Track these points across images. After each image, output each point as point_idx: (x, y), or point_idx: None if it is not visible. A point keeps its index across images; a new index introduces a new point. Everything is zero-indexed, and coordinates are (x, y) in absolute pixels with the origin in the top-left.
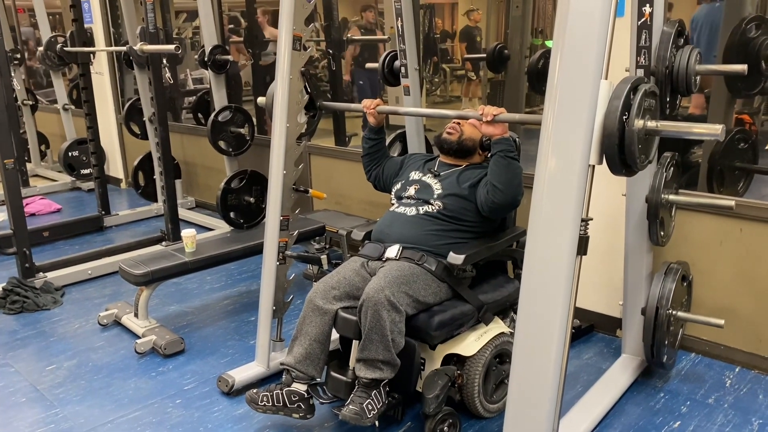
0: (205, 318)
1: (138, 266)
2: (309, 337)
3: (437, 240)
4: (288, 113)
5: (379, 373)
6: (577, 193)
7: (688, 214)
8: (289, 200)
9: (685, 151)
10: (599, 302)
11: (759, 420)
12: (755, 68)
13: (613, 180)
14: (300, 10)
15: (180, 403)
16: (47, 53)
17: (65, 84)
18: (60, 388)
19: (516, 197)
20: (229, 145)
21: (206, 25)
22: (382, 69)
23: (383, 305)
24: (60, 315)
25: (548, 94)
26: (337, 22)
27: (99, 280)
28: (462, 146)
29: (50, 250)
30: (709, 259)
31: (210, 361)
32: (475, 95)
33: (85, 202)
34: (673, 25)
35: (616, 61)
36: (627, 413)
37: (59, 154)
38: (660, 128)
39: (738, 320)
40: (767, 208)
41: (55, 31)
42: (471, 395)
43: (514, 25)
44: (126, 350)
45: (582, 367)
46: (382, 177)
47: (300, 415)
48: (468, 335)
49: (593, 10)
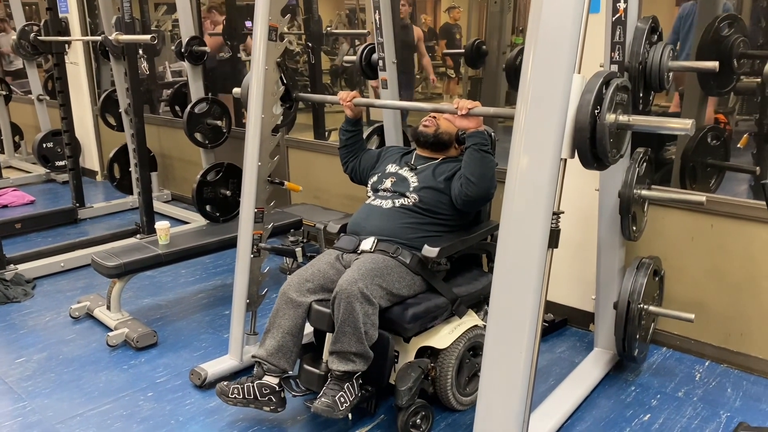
0: (179, 311)
1: (110, 258)
2: (282, 329)
3: (412, 233)
4: (263, 104)
5: (352, 366)
6: (548, 187)
7: (660, 210)
8: (263, 192)
9: (659, 148)
10: (572, 296)
11: (727, 413)
12: (727, 66)
13: (586, 175)
14: (276, 0)
15: (151, 396)
16: (21, 42)
17: (41, 75)
18: (29, 381)
19: (489, 190)
20: (206, 138)
21: (183, 16)
22: (360, 62)
23: (356, 297)
24: (31, 307)
25: (521, 87)
26: (316, 15)
27: (72, 272)
28: (438, 139)
29: (22, 242)
30: (681, 255)
31: (183, 354)
32: (454, 92)
33: (60, 194)
34: (646, 21)
35: (591, 56)
36: (598, 406)
37: (33, 146)
38: (632, 122)
39: (708, 315)
40: (737, 204)
41: (32, 21)
42: (444, 388)
43: (493, 21)
44: (98, 343)
45: (555, 360)
46: (358, 169)
47: (271, 408)
48: (442, 328)
49: (566, 4)
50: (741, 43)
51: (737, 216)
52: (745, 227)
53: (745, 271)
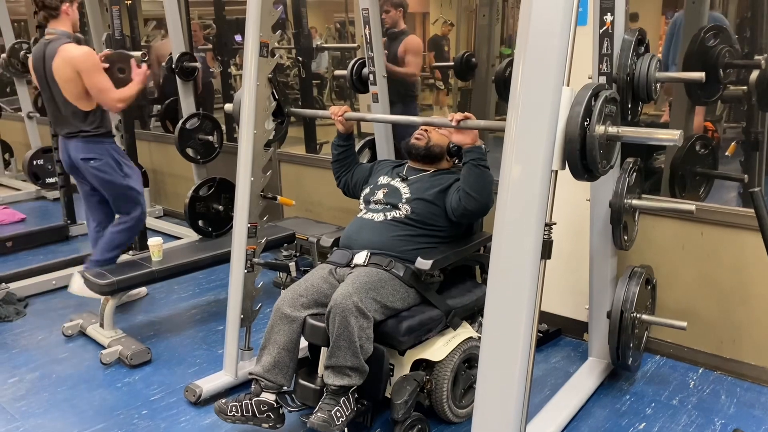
0: (173, 327)
1: (103, 276)
2: (277, 345)
3: (405, 245)
4: (255, 120)
5: (348, 380)
6: (540, 198)
7: (651, 219)
8: (256, 207)
9: (648, 157)
10: (566, 306)
11: (721, 420)
12: (713, 76)
13: (577, 185)
14: (267, 16)
15: (146, 414)
16: (10, 60)
17: (31, 92)
18: (22, 401)
19: (488, 204)
20: (198, 153)
21: (174, 32)
22: (351, 76)
23: (351, 311)
24: (23, 326)
25: (511, 100)
26: (306, 29)
27: (64, 290)
28: (430, 152)
29: (14, 261)
30: (672, 263)
31: (177, 371)
32: (444, 104)
33: (51, 212)
34: (633, 33)
35: (579, 68)
36: (594, 416)
37: (24, 163)
38: (621, 134)
39: (700, 322)
40: (726, 212)
41: (21, 39)
42: (440, 400)
43: (481, 33)
44: (91, 361)
45: (550, 370)
46: (351, 183)
47: (270, 425)
48: (436, 340)
49: (554, 18)
50: (726, 53)
51: (727, 224)
52: (734, 235)
53: (736, 279)
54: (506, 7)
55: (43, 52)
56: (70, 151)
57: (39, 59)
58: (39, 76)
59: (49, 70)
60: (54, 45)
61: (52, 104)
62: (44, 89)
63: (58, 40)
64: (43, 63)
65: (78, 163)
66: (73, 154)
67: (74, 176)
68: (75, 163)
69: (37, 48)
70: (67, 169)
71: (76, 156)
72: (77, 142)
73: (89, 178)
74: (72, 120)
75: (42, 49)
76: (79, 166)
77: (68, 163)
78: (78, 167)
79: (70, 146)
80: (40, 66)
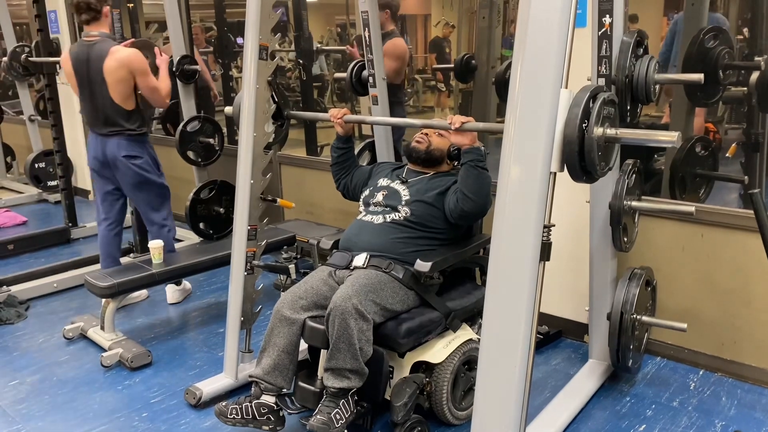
0: (173, 330)
1: (103, 278)
2: (277, 348)
3: (404, 247)
4: (255, 122)
5: (347, 382)
6: (539, 200)
7: (650, 220)
8: (256, 210)
9: (648, 159)
10: (567, 308)
11: (722, 422)
12: (712, 77)
13: (577, 187)
14: (266, 19)
15: (146, 416)
16: (12, 63)
17: (32, 95)
18: (23, 403)
19: (485, 206)
20: (198, 156)
21: (174, 35)
22: (350, 79)
23: (350, 314)
24: (24, 329)
25: (510, 102)
26: (307, 32)
27: (65, 293)
28: (430, 155)
29: (15, 264)
30: (672, 264)
31: (178, 373)
32: (445, 105)
33: (52, 215)
34: (632, 35)
35: (578, 70)
36: (594, 418)
37: (25, 166)
38: (619, 135)
39: (701, 324)
40: (726, 213)
41: (23, 42)
42: (440, 402)
43: (481, 35)
44: (92, 364)
45: (550, 372)
46: (350, 186)
47: (270, 427)
48: (436, 342)
49: (552, 20)
50: (726, 54)
51: (727, 225)
52: (734, 236)
53: (736, 280)
54: (507, 9)
55: (88, 53)
56: (107, 149)
57: (82, 61)
58: (80, 77)
59: (97, 71)
60: (102, 46)
61: (92, 103)
62: (84, 89)
63: (104, 42)
64: (87, 64)
65: (117, 161)
66: (113, 151)
67: (100, 175)
68: (112, 161)
69: (78, 49)
70: (97, 167)
71: (117, 153)
72: (120, 140)
73: (125, 177)
74: (116, 119)
75: (85, 51)
76: (118, 164)
77: (102, 160)
78: (115, 165)
79: (109, 144)
80: (83, 67)
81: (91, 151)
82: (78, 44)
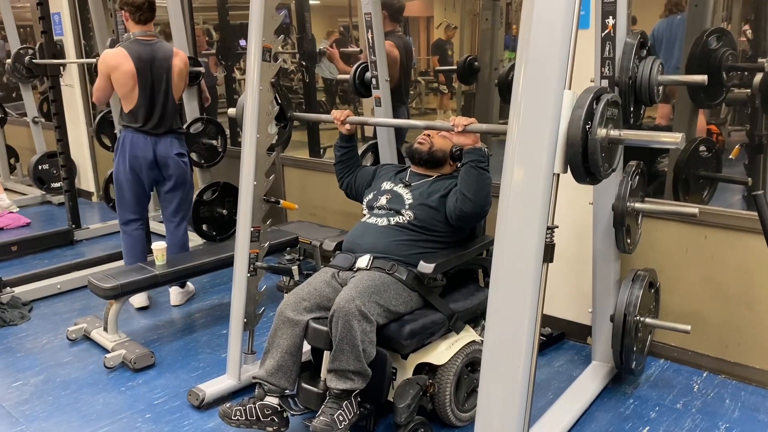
0: (176, 331)
1: (107, 280)
2: (281, 349)
3: (408, 250)
4: (258, 124)
5: (351, 384)
6: (542, 202)
7: (654, 222)
8: (259, 211)
9: (652, 161)
10: (570, 310)
11: (725, 424)
12: (716, 79)
13: (580, 188)
14: (269, 21)
15: (149, 417)
16: (15, 65)
17: (36, 97)
18: (26, 404)
19: (484, 207)
20: (201, 157)
21: (177, 36)
22: (354, 80)
23: (354, 315)
24: (27, 330)
25: (513, 104)
26: (309, 34)
27: (68, 294)
28: (432, 157)
29: (19, 265)
30: (676, 266)
31: (181, 374)
32: (448, 107)
33: (56, 216)
34: (635, 36)
35: (582, 72)
36: (597, 420)
37: (29, 168)
38: (623, 137)
39: (704, 326)
40: (730, 215)
41: (27, 44)
42: (443, 404)
43: (484, 37)
44: (95, 365)
45: (553, 374)
46: (354, 185)
47: (274, 428)
48: (439, 344)
49: (555, 21)
50: (729, 56)
51: (730, 227)
52: (738, 238)
53: (740, 282)
54: (510, 11)
55: (152, 52)
56: (159, 148)
57: (146, 60)
58: (143, 76)
59: (165, 70)
60: (164, 46)
61: (151, 102)
62: (146, 88)
63: (162, 42)
64: (152, 63)
65: (168, 159)
66: (165, 150)
67: (139, 176)
68: (163, 160)
69: (139, 48)
70: (141, 166)
71: (169, 152)
72: (173, 139)
73: (175, 174)
74: (170, 118)
75: (149, 49)
76: (169, 162)
77: (151, 159)
78: (166, 163)
79: (161, 143)
80: (146, 66)
81: (136, 150)
82: (133, 43)
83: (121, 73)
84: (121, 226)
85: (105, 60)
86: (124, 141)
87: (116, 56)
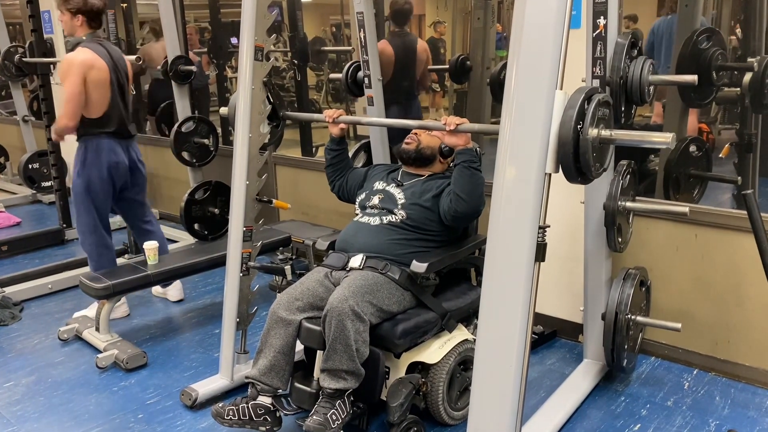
0: (169, 331)
1: (98, 279)
2: (273, 349)
3: (401, 249)
4: (250, 123)
5: (344, 383)
6: (534, 201)
7: (645, 221)
8: (252, 211)
9: (642, 160)
10: (561, 308)
11: (716, 421)
12: (706, 79)
13: (572, 188)
14: (261, 20)
15: (142, 417)
16: (5, 64)
17: (26, 95)
18: (17, 405)
19: (478, 207)
20: (193, 156)
21: (169, 35)
22: (346, 79)
23: (347, 315)
24: (18, 330)
25: (505, 104)
26: (302, 32)
27: (60, 294)
28: (420, 154)
29: (9, 265)
30: (667, 265)
31: (173, 374)
32: (440, 106)
33: (46, 215)
34: (626, 36)
35: (573, 71)
36: (589, 417)
37: (19, 167)
38: (614, 137)
39: (695, 324)
40: (720, 214)
41: (17, 42)
42: (436, 403)
43: (476, 36)
44: (87, 365)
45: (545, 372)
46: (345, 188)
47: (267, 428)
48: (432, 343)
49: (547, 22)
50: (719, 55)
51: (720, 226)
52: (728, 236)
53: (730, 280)
54: (501, 9)
55: (111, 51)
56: (132, 152)
57: (115, 58)
58: (119, 76)
59: (124, 71)
60: (114, 47)
61: (123, 104)
62: (116, 89)
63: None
64: (115, 62)
65: (138, 164)
66: (135, 155)
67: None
68: (134, 164)
69: (101, 48)
70: (122, 173)
71: (138, 157)
72: (135, 143)
73: (141, 178)
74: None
75: (109, 49)
76: (139, 168)
77: (127, 165)
78: (137, 168)
79: (132, 148)
80: (114, 65)
81: (116, 156)
82: (91, 42)
83: (96, 71)
84: (90, 235)
85: (77, 59)
86: (99, 147)
87: (87, 53)
